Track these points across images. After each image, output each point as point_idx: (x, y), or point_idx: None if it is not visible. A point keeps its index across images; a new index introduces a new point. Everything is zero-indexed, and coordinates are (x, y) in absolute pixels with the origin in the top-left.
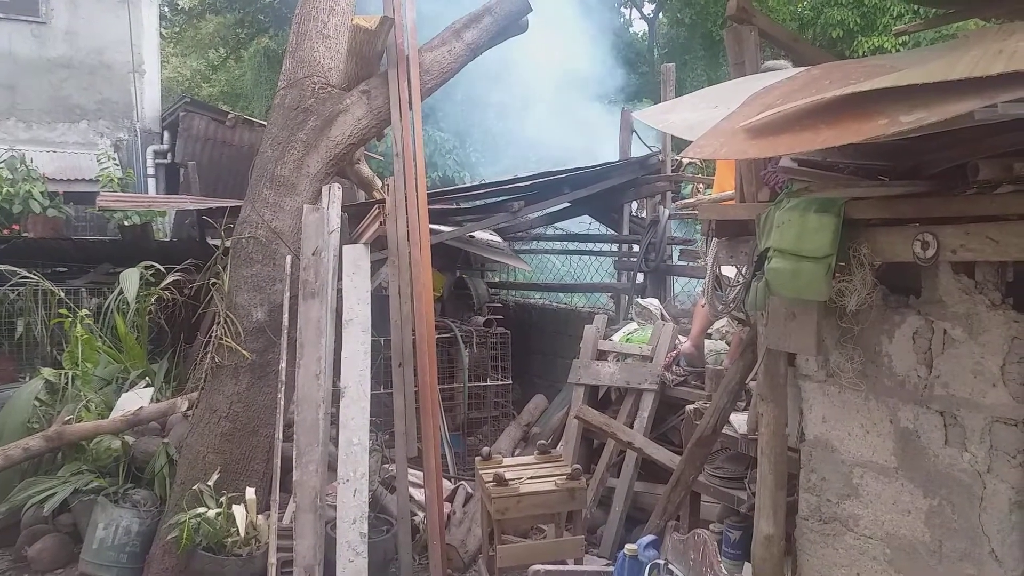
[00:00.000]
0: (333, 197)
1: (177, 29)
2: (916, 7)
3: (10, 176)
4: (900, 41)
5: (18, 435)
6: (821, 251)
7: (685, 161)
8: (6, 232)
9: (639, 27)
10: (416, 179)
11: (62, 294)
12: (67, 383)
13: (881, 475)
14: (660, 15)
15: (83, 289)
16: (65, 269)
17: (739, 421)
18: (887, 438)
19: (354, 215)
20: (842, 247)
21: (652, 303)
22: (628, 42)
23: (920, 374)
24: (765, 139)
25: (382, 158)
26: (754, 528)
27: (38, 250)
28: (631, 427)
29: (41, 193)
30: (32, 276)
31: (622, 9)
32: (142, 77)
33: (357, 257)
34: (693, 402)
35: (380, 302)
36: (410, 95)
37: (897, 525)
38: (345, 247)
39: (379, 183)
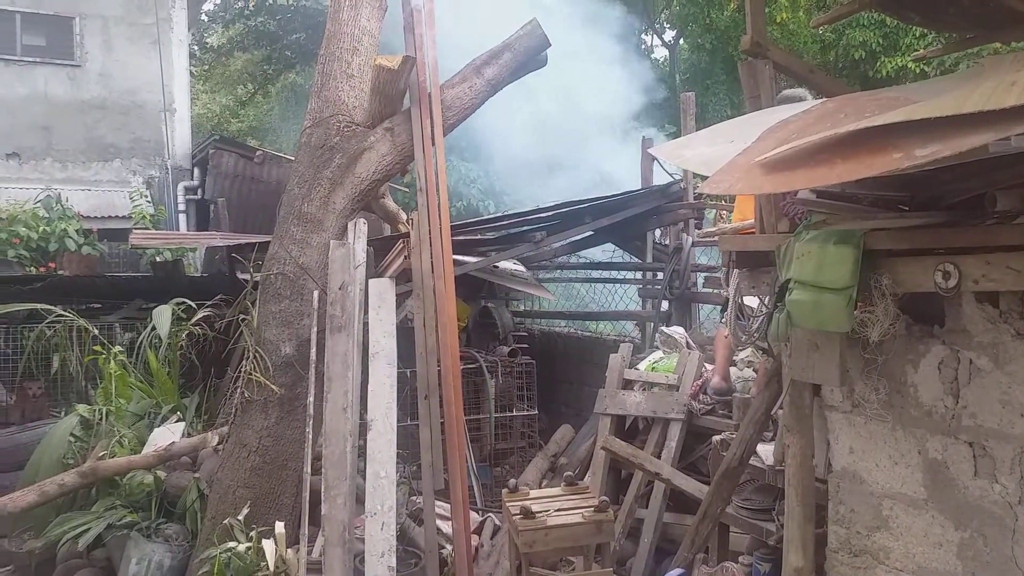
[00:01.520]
0: (359, 232)
1: (206, 67)
2: (939, 31)
3: (46, 215)
4: (925, 62)
5: (54, 471)
6: (841, 282)
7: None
8: (42, 270)
9: (660, 53)
10: (440, 213)
11: (96, 331)
12: (101, 419)
13: (911, 507)
14: (681, 41)
15: (116, 325)
16: (99, 305)
17: (766, 452)
18: (915, 469)
19: (379, 249)
20: (863, 278)
21: (677, 331)
22: (649, 68)
23: (947, 404)
24: (780, 174)
25: (407, 189)
26: (783, 561)
27: (73, 287)
28: (659, 457)
29: (76, 231)
30: (67, 313)
31: (643, 36)
32: (173, 115)
33: (383, 291)
34: (721, 432)
35: (406, 334)
36: (432, 131)
37: (929, 558)
38: (371, 281)
39: (404, 216)
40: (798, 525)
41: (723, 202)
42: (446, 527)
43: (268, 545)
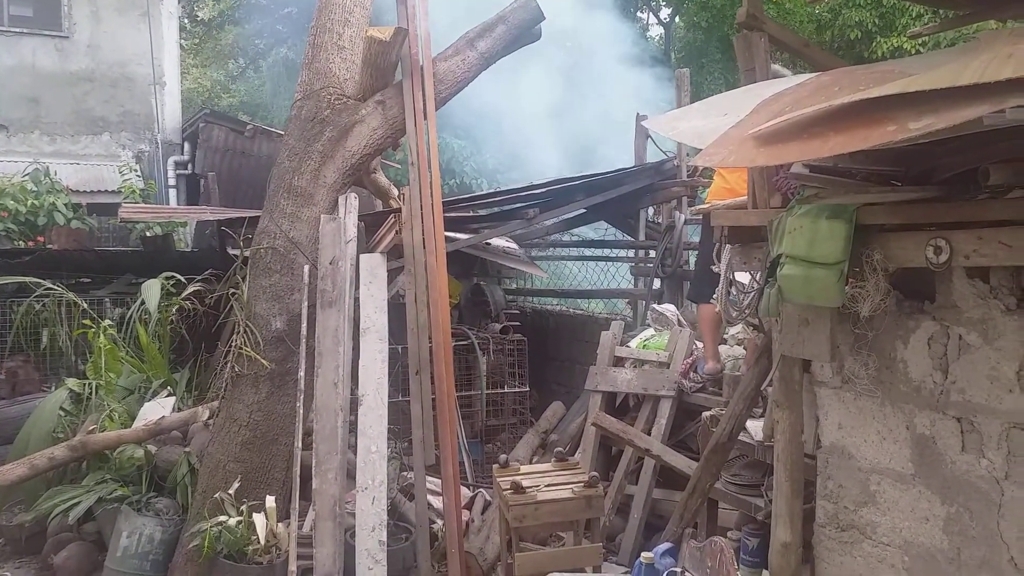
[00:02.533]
0: (350, 207)
1: (197, 40)
2: (935, 8)
3: (35, 189)
4: (920, 42)
5: (44, 445)
6: (833, 257)
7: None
8: (31, 244)
9: (656, 31)
10: (431, 188)
11: (85, 305)
12: (91, 393)
13: (898, 482)
14: (676, 19)
15: (106, 299)
16: (89, 280)
17: (755, 427)
18: (903, 445)
19: (371, 224)
20: (854, 253)
21: (669, 309)
22: (644, 46)
23: (936, 380)
24: (774, 146)
25: (399, 166)
26: (771, 536)
27: (62, 261)
28: (649, 434)
29: (65, 205)
30: (56, 287)
31: (639, 13)
32: (163, 89)
33: (374, 266)
34: (711, 408)
35: (397, 310)
36: (424, 105)
37: (915, 533)
38: (362, 256)
39: (395, 192)
40: (786, 500)
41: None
42: (437, 502)
43: (259, 519)
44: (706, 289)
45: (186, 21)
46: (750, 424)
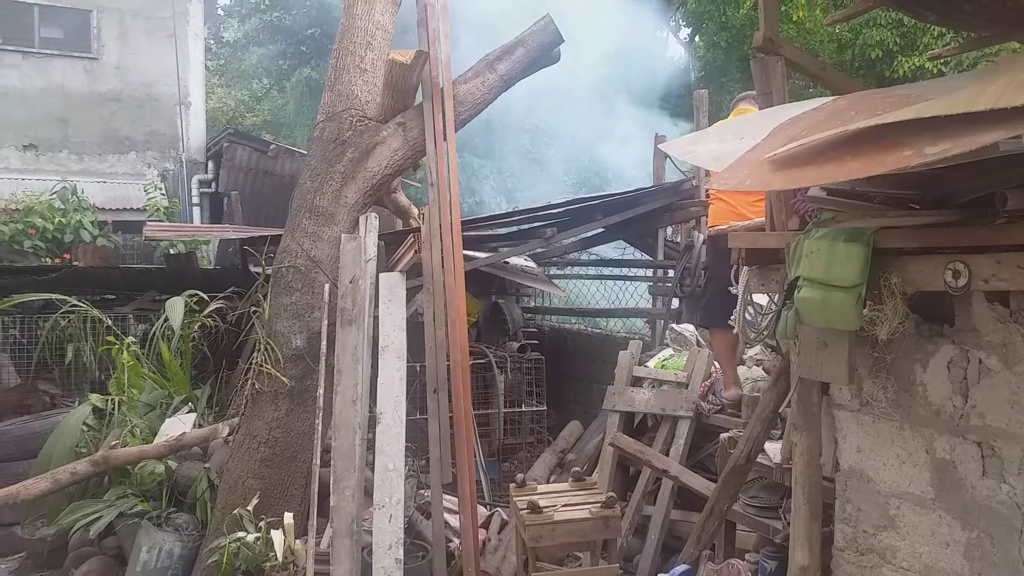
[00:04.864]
0: (370, 226)
1: (222, 61)
2: (955, 29)
3: (62, 207)
4: (942, 62)
5: (67, 459)
6: (850, 280)
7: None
8: (58, 261)
9: (675, 51)
10: (451, 208)
11: (110, 321)
12: (113, 408)
13: (918, 506)
14: (696, 38)
15: (130, 316)
16: (113, 296)
17: (773, 450)
18: (923, 469)
19: (390, 243)
20: (872, 276)
21: (687, 329)
22: (664, 66)
23: (956, 404)
24: (790, 171)
25: (419, 185)
26: (789, 559)
27: (87, 278)
28: (667, 455)
29: (91, 223)
30: (81, 304)
31: (658, 33)
32: (188, 109)
33: (393, 285)
34: (729, 430)
35: (415, 328)
36: (444, 126)
37: (936, 558)
38: (381, 275)
39: (415, 211)
40: (804, 523)
41: None
42: (454, 521)
43: (277, 535)
44: (719, 313)
45: (211, 42)
46: (768, 446)
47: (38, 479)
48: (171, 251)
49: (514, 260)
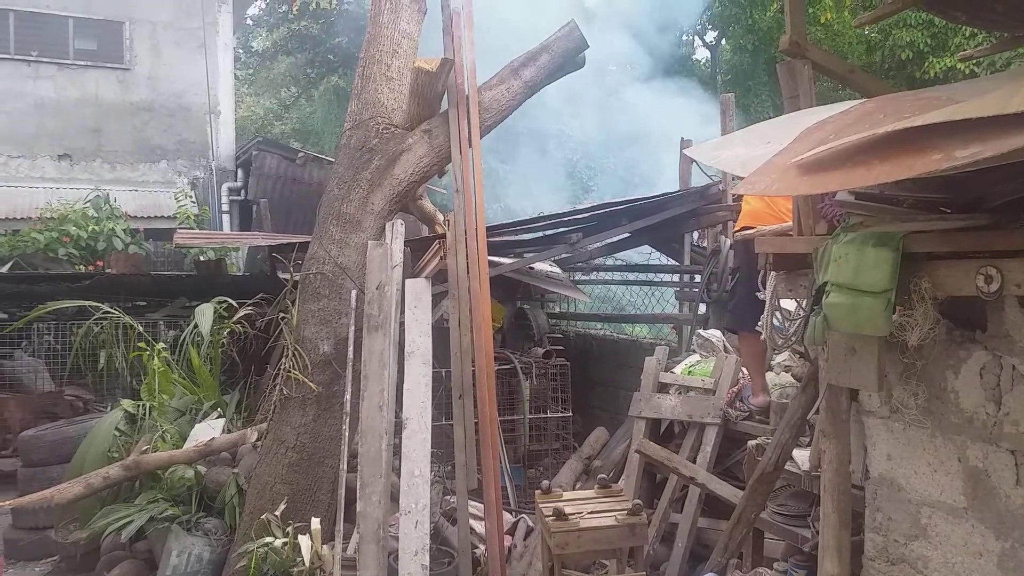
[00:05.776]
0: (396, 233)
1: (251, 70)
2: (987, 30)
3: (95, 215)
4: (974, 62)
5: (99, 464)
6: (879, 286)
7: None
8: (91, 268)
9: (702, 54)
10: (476, 214)
11: (141, 328)
12: (145, 414)
13: (950, 515)
14: (723, 42)
15: (161, 322)
16: (144, 303)
17: (802, 457)
18: (955, 477)
19: (416, 249)
20: (902, 281)
21: (714, 334)
22: (690, 69)
23: (988, 411)
24: (817, 175)
25: (445, 191)
26: (819, 568)
27: (119, 285)
28: (694, 461)
29: (123, 230)
30: (114, 311)
31: (684, 37)
32: (218, 118)
33: (419, 291)
34: (757, 437)
35: (441, 334)
36: (470, 133)
37: (969, 568)
38: (407, 281)
39: (441, 217)
40: (834, 532)
41: None
42: (479, 527)
43: (304, 541)
44: (748, 317)
45: (240, 52)
46: (797, 453)
47: (72, 483)
48: (201, 258)
49: (539, 266)
